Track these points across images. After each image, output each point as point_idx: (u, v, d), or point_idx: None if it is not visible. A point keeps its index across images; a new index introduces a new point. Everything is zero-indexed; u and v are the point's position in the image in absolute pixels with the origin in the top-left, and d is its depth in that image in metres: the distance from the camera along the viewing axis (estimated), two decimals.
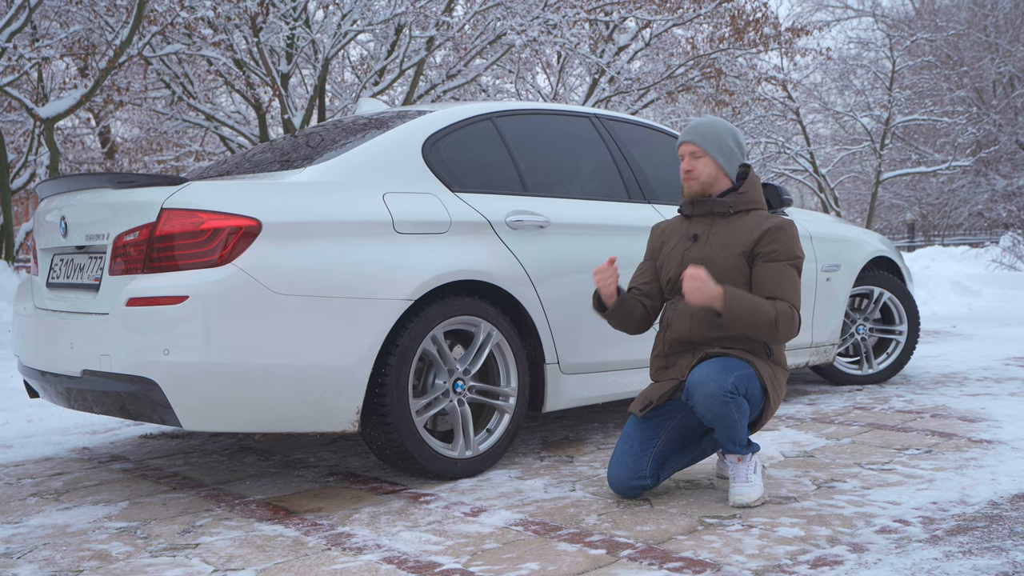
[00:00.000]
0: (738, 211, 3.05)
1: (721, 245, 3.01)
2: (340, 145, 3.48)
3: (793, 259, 2.97)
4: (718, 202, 3.05)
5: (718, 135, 3.07)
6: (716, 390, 2.79)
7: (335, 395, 3.04)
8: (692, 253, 3.05)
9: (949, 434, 3.86)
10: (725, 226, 3.04)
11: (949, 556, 2.40)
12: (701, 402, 2.82)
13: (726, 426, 2.86)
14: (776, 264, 2.95)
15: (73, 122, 18.45)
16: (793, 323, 2.91)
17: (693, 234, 3.08)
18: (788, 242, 2.97)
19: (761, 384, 2.92)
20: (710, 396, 2.79)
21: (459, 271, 3.32)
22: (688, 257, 3.05)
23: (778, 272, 2.94)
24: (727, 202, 3.04)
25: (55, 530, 2.90)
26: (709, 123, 3.09)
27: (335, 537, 2.72)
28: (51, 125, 10.87)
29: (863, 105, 26.69)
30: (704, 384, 2.80)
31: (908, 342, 5.28)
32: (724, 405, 2.80)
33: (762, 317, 2.85)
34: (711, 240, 3.03)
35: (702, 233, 3.06)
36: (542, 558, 2.48)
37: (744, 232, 3.00)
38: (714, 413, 2.82)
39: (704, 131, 3.07)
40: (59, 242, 3.41)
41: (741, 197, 3.06)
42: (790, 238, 2.98)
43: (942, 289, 11.08)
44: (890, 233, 34.17)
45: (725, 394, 2.79)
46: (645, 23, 15.71)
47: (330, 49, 12.26)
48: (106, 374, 3.00)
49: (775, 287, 2.93)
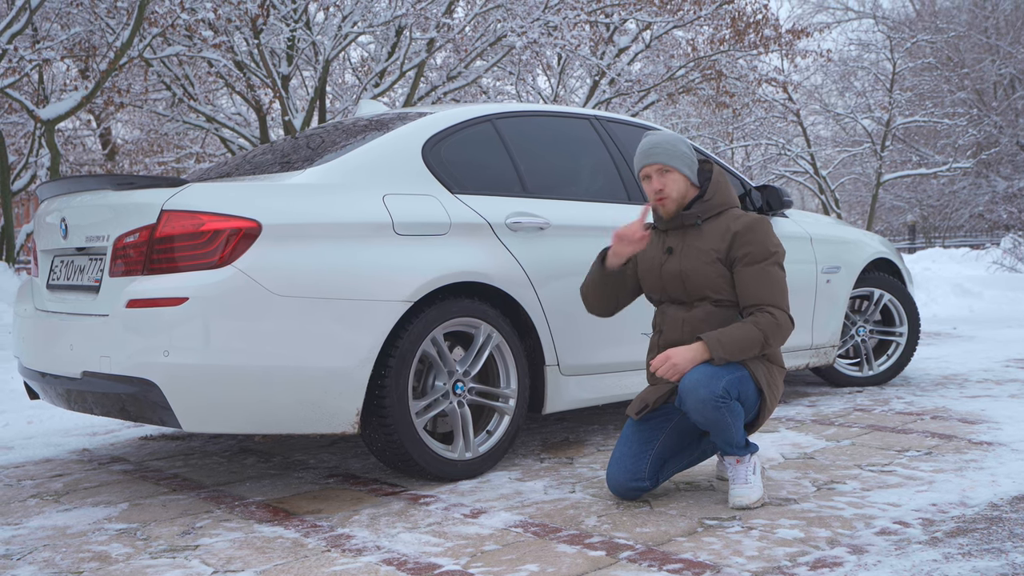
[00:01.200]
0: (708, 218, 3.04)
1: (695, 255, 2.99)
2: (340, 147, 3.48)
3: (770, 257, 2.94)
4: (687, 215, 3.03)
5: (675, 147, 3.03)
6: (707, 395, 2.78)
7: (335, 397, 3.05)
8: (670, 267, 3.03)
9: (949, 436, 3.86)
10: (697, 235, 3.02)
11: (949, 558, 2.40)
12: (693, 407, 2.82)
13: (720, 430, 2.85)
14: (754, 267, 2.92)
15: (74, 124, 18.47)
16: (781, 328, 2.89)
17: (668, 247, 3.07)
18: (761, 241, 2.94)
19: (756, 385, 2.92)
20: (701, 401, 2.79)
21: (459, 273, 3.32)
22: (665, 271, 3.04)
23: (757, 275, 2.92)
24: (695, 214, 3.02)
25: (55, 531, 2.90)
26: (665, 139, 3.04)
27: (335, 539, 2.72)
28: (52, 127, 10.88)
29: (864, 107, 26.70)
30: (695, 390, 2.80)
31: (908, 344, 5.28)
32: (716, 410, 2.80)
33: (751, 343, 2.84)
34: (686, 252, 3.01)
35: (676, 245, 3.05)
36: (542, 560, 2.48)
37: (715, 238, 2.97)
38: (707, 418, 2.82)
39: (663, 146, 3.02)
40: (59, 244, 3.41)
41: (707, 205, 3.03)
42: (762, 235, 2.95)
43: (942, 291, 11.07)
44: (891, 235, 34.17)
45: (716, 399, 2.78)
46: (645, 25, 15.72)
47: (331, 51, 12.27)
48: (106, 375, 3.00)
49: (758, 291, 2.91)
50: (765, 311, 2.89)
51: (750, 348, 2.85)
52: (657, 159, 3.02)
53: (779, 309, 2.90)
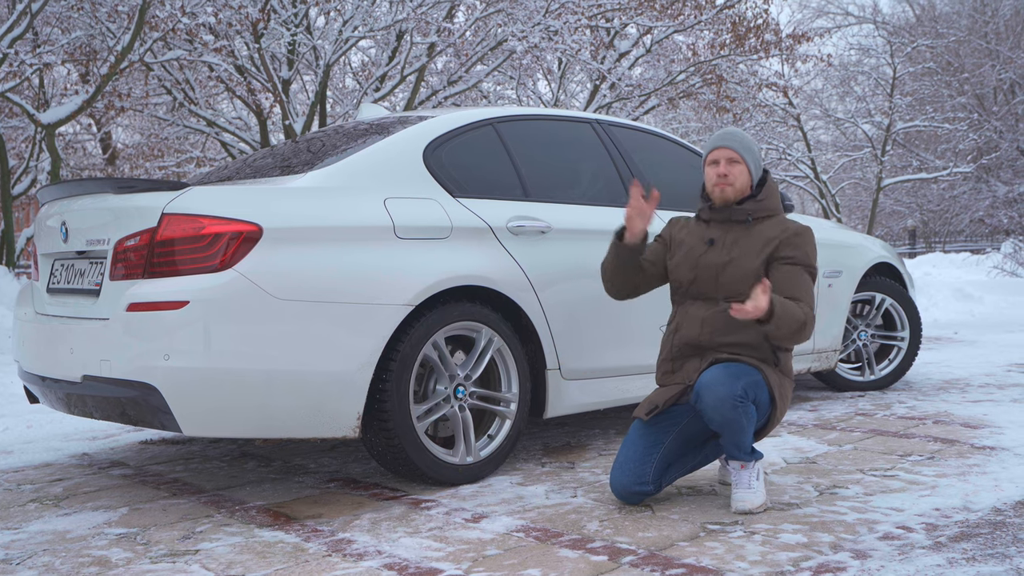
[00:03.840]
0: (757, 218, 3.06)
1: (741, 251, 3.01)
2: (341, 150, 3.47)
3: (809, 266, 3.00)
4: (738, 210, 3.06)
5: (750, 144, 3.11)
6: (726, 394, 2.78)
7: (336, 400, 3.04)
8: (709, 258, 3.04)
9: (952, 440, 3.85)
10: (743, 232, 3.05)
11: (952, 563, 2.39)
12: (710, 405, 2.81)
13: (733, 431, 2.85)
14: (794, 268, 2.97)
15: (74, 128, 18.47)
16: (809, 325, 2.93)
17: (710, 239, 3.07)
18: (807, 249, 3.01)
19: (769, 392, 2.92)
20: (720, 400, 2.79)
21: (460, 276, 3.31)
22: (704, 261, 3.04)
23: (796, 276, 2.96)
24: (747, 209, 3.05)
25: (55, 536, 2.89)
26: (740, 132, 3.13)
27: (335, 543, 2.71)
28: (52, 131, 10.88)
29: (864, 111, 26.69)
30: (714, 387, 2.80)
31: (910, 348, 5.27)
32: (734, 409, 2.80)
33: (797, 319, 2.86)
34: (729, 245, 3.03)
35: (719, 238, 3.06)
36: (543, 564, 2.47)
37: (763, 239, 3.01)
38: (723, 417, 2.81)
39: (740, 138, 3.10)
40: (60, 247, 3.40)
41: (760, 204, 3.07)
42: (809, 245, 3.02)
43: (944, 295, 11.07)
44: (891, 239, 34.15)
45: (735, 398, 2.79)
46: (646, 29, 15.71)
47: (331, 55, 12.27)
48: (106, 379, 3.00)
49: (794, 289, 2.94)
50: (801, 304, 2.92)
51: (794, 323, 2.84)
52: (732, 145, 3.07)
53: (810, 308, 2.94)
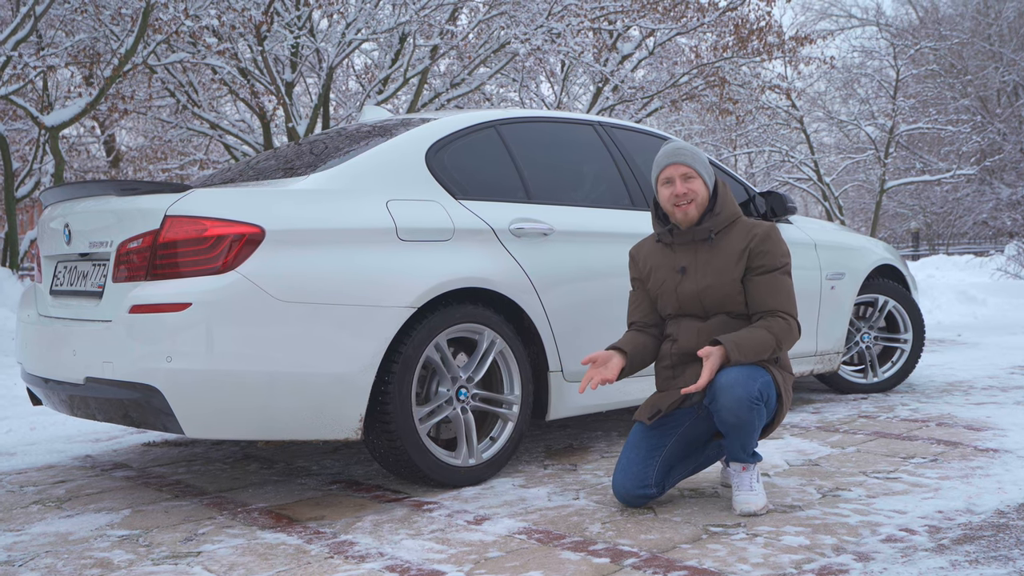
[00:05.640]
0: (719, 232, 3.04)
1: (715, 272, 2.98)
2: (344, 153, 3.48)
3: (782, 266, 2.98)
4: (699, 230, 3.02)
5: (699, 154, 3.07)
6: (744, 395, 2.79)
7: (338, 403, 3.04)
8: (686, 287, 3.02)
9: (955, 443, 3.85)
10: (710, 252, 3.02)
11: (955, 565, 2.38)
12: (727, 406, 2.81)
13: (745, 433, 2.85)
14: (767, 276, 2.96)
15: (78, 130, 18.49)
16: (791, 333, 2.94)
17: (681, 267, 3.05)
18: (774, 250, 2.98)
19: (776, 391, 2.93)
20: (738, 400, 2.79)
21: (462, 278, 3.32)
22: (683, 291, 3.02)
23: (770, 284, 2.96)
24: (708, 228, 3.01)
25: (57, 538, 2.90)
26: (687, 145, 3.07)
27: (338, 545, 2.71)
28: (56, 134, 10.89)
29: (867, 114, 26.68)
30: (732, 388, 2.79)
31: (913, 351, 5.26)
32: (750, 411, 2.81)
33: (765, 347, 2.87)
34: (702, 268, 3.01)
35: (689, 264, 3.04)
36: (546, 567, 2.47)
37: (734, 253, 2.98)
38: (739, 418, 2.81)
39: (690, 151, 3.04)
40: (63, 249, 3.41)
41: (719, 218, 3.03)
42: (775, 244, 2.99)
43: (947, 298, 11.05)
44: (894, 242, 34.12)
45: (752, 400, 2.80)
46: (649, 32, 15.71)
47: (334, 58, 12.28)
48: (109, 381, 3.00)
49: (771, 299, 2.95)
50: (777, 316, 2.93)
51: (763, 351, 2.87)
52: (684, 160, 3.02)
53: (789, 315, 2.95)
